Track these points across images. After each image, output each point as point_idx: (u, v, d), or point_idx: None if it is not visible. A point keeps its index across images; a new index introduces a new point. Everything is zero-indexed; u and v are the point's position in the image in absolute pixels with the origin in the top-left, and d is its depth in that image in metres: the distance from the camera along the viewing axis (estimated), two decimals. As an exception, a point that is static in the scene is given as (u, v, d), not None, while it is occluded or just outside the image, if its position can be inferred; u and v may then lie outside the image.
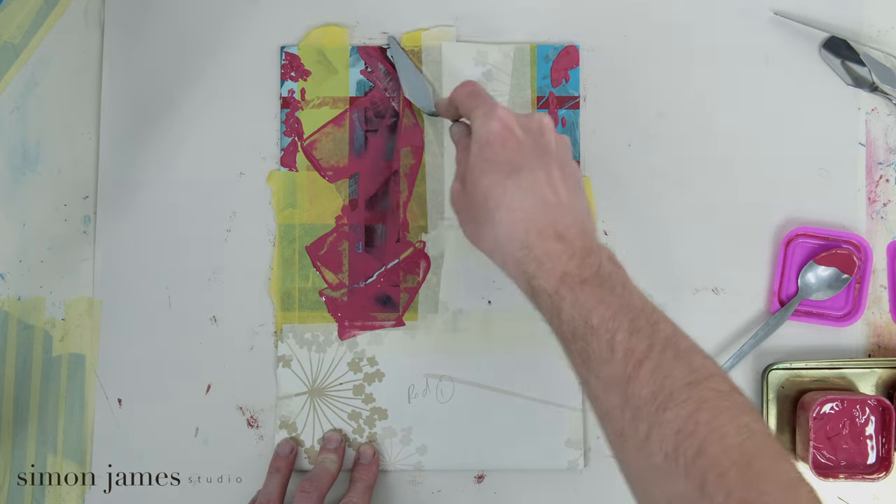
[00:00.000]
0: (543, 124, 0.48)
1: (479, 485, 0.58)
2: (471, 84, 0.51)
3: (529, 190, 0.45)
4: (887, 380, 0.57)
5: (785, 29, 0.60)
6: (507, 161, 0.46)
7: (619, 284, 0.43)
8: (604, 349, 0.41)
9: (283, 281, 0.59)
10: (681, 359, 0.40)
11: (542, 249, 0.44)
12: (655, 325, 0.41)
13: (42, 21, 0.60)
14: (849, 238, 0.58)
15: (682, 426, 0.38)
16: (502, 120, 0.47)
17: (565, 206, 0.45)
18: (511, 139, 0.46)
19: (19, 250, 0.59)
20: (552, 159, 0.47)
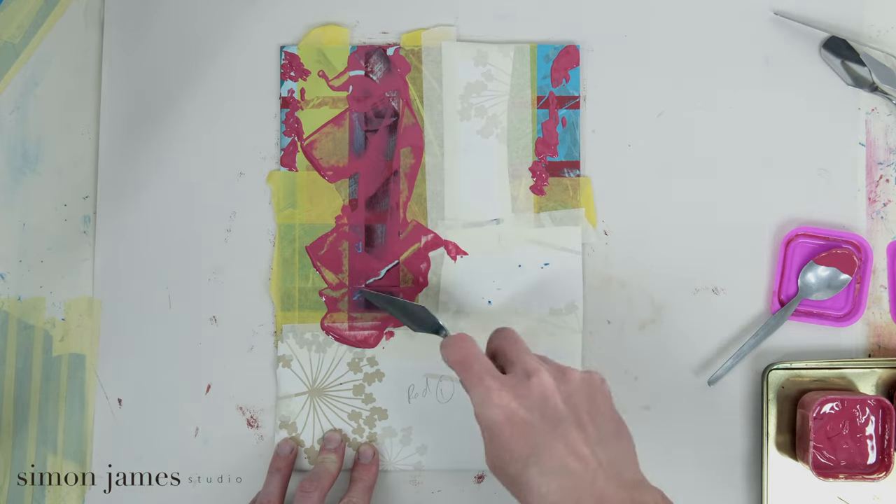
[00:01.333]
0: (546, 390, 0.45)
1: (479, 485, 0.58)
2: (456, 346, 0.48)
3: (554, 470, 0.43)
4: (887, 380, 0.57)
5: (785, 29, 0.60)
6: (522, 447, 0.44)
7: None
8: None
9: (283, 281, 0.59)
10: None
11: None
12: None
13: (42, 21, 0.60)
14: (849, 238, 0.58)
15: None
16: (501, 407, 0.45)
17: (594, 465, 0.43)
18: (518, 424, 0.44)
19: (19, 250, 0.59)
20: (566, 424, 0.44)
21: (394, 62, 0.59)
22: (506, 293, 0.58)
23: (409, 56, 0.59)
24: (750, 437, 0.58)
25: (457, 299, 0.58)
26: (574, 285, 0.58)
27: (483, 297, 0.58)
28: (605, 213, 0.59)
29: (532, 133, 0.59)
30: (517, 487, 0.44)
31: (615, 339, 0.58)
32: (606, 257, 0.59)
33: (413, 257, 0.59)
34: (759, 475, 0.57)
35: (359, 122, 0.59)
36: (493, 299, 0.58)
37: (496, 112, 0.59)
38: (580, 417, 0.45)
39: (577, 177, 0.59)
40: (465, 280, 0.58)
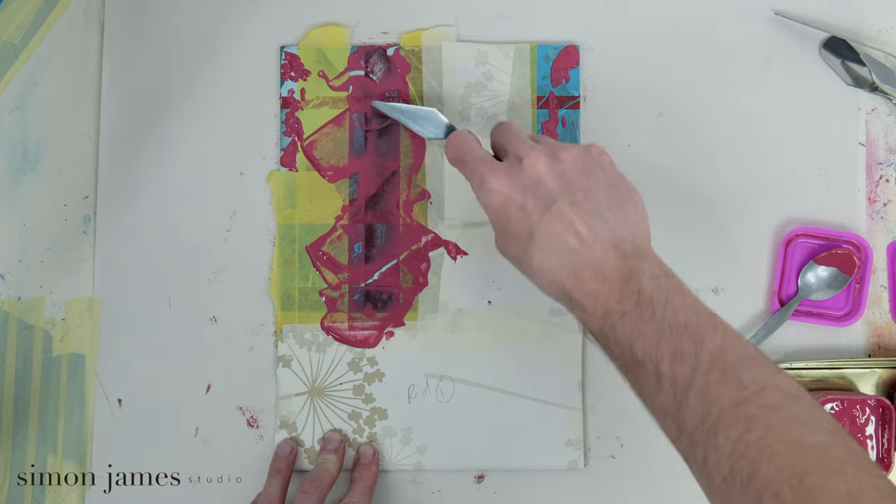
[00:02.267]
0: (537, 171, 0.46)
1: (479, 485, 0.58)
2: (454, 142, 0.50)
3: (551, 248, 0.45)
4: (887, 380, 0.57)
5: (785, 29, 0.60)
6: (520, 229, 0.46)
7: (660, 305, 0.42)
8: (651, 380, 0.41)
9: (283, 281, 0.58)
10: (728, 377, 0.39)
11: (582, 294, 0.44)
12: (701, 342, 0.41)
13: (42, 21, 0.60)
14: (849, 238, 0.58)
15: (733, 448, 0.38)
16: (496, 192, 0.46)
17: (590, 242, 0.44)
18: (513, 207, 0.46)
19: (19, 250, 0.59)
20: (561, 203, 0.45)
21: (394, 62, 0.59)
22: (506, 293, 0.58)
23: (409, 56, 0.59)
24: (750, 437, 0.58)
25: (457, 299, 0.58)
26: None
27: (483, 297, 0.58)
28: (605, 213, 0.59)
29: (532, 133, 0.59)
30: (522, 265, 0.47)
31: (615, 339, 0.58)
32: (606, 257, 0.58)
33: (413, 257, 0.59)
34: (759, 475, 0.57)
35: (359, 122, 0.59)
36: (493, 299, 0.58)
37: (496, 112, 0.59)
38: (573, 194, 0.46)
39: (577, 177, 0.59)
40: (465, 280, 0.58)
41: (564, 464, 0.57)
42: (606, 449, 0.58)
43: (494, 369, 0.58)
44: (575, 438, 0.57)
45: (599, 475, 0.57)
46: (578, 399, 0.57)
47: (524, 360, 0.58)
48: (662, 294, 0.43)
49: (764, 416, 0.38)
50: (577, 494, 0.57)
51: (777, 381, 0.40)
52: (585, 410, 0.58)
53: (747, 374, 0.40)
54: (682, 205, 0.59)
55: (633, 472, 0.57)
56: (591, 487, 0.57)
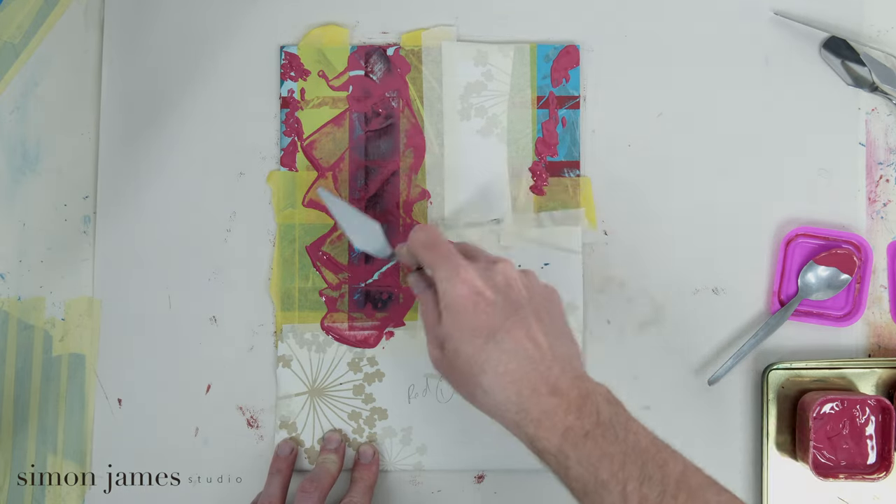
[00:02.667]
0: (509, 277, 0.46)
1: (479, 485, 0.58)
2: (425, 231, 0.49)
3: (512, 351, 0.44)
4: (887, 380, 0.57)
5: (785, 29, 0.60)
6: (482, 325, 0.45)
7: (621, 428, 0.43)
8: (617, 501, 0.41)
9: (283, 281, 0.59)
10: (695, 500, 0.41)
11: (538, 409, 0.43)
12: (664, 465, 0.42)
13: (42, 21, 0.60)
14: (849, 238, 0.58)
15: None
16: (468, 283, 0.45)
17: (550, 356, 0.44)
18: (481, 302, 0.45)
19: (19, 250, 0.59)
20: (526, 311, 0.45)
21: (394, 62, 0.59)
22: (506, 293, 0.58)
23: (409, 56, 0.59)
24: (750, 437, 0.58)
25: (457, 299, 0.58)
26: (574, 285, 0.58)
27: (483, 297, 0.58)
28: (605, 213, 0.59)
29: (532, 133, 0.59)
30: (469, 366, 0.45)
31: (615, 339, 0.58)
32: (606, 257, 0.59)
33: (413, 257, 0.59)
34: (759, 475, 0.57)
35: (359, 122, 0.59)
36: (493, 299, 0.58)
37: (496, 112, 0.59)
38: (538, 310, 0.46)
39: (577, 177, 0.59)
40: (465, 280, 0.58)
41: (564, 464, 0.57)
42: (606, 449, 0.58)
43: (494, 369, 0.58)
44: (575, 438, 0.57)
45: (599, 475, 0.57)
46: (578, 399, 0.57)
47: (524, 360, 0.58)
48: (620, 418, 0.43)
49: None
50: (577, 494, 0.57)
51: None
52: (585, 410, 0.58)
53: (713, 498, 0.41)
54: (682, 205, 0.59)
55: (633, 472, 0.57)
56: (591, 487, 0.57)
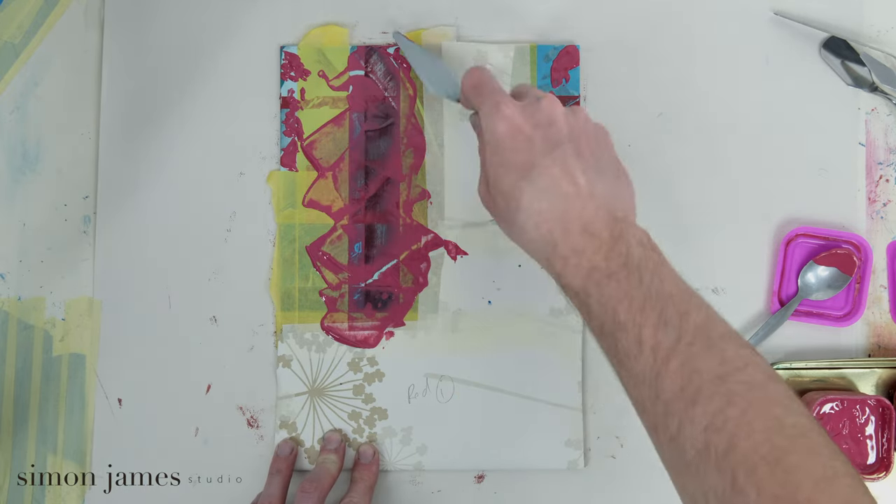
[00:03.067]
0: (553, 113, 0.46)
1: (479, 485, 0.58)
2: (475, 73, 0.49)
3: (547, 188, 0.44)
4: (887, 380, 0.57)
5: (785, 29, 0.60)
6: (520, 162, 0.45)
7: (647, 272, 0.42)
8: (632, 344, 0.40)
9: (283, 281, 0.59)
10: (711, 350, 0.39)
11: (568, 246, 0.43)
12: (686, 314, 0.40)
13: (42, 21, 0.60)
14: (849, 238, 0.58)
15: (710, 422, 0.37)
16: (508, 119, 0.45)
17: (586, 195, 0.44)
18: (520, 138, 0.45)
19: (19, 250, 0.59)
20: (566, 149, 0.45)
21: (394, 62, 0.59)
22: (506, 293, 0.58)
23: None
24: (750, 437, 0.58)
25: (457, 299, 0.58)
26: None
27: (483, 297, 0.58)
28: (605, 213, 0.59)
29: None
30: (507, 202, 0.45)
31: (615, 339, 0.58)
32: (606, 257, 0.58)
33: (413, 257, 0.59)
34: (759, 475, 0.57)
35: (359, 122, 0.59)
36: (493, 299, 0.58)
37: (496, 112, 0.59)
38: (580, 147, 0.45)
39: (577, 177, 0.59)
40: (465, 280, 0.58)
41: (564, 464, 0.57)
42: (606, 449, 0.58)
43: (494, 369, 0.58)
44: (575, 438, 0.57)
45: (599, 475, 0.57)
46: (578, 399, 0.57)
47: (524, 360, 0.58)
48: (650, 263, 0.42)
49: (745, 392, 0.37)
50: (577, 494, 0.57)
51: (758, 360, 0.39)
52: (585, 410, 0.58)
53: (730, 350, 0.39)
54: (682, 205, 0.59)
55: (633, 472, 0.57)
56: (591, 487, 0.57)
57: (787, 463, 0.35)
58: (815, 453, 0.36)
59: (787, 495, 0.35)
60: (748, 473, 0.35)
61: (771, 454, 0.35)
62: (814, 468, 0.35)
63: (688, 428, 0.38)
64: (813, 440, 0.36)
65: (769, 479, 0.35)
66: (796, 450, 0.36)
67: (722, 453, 0.36)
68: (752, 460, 0.36)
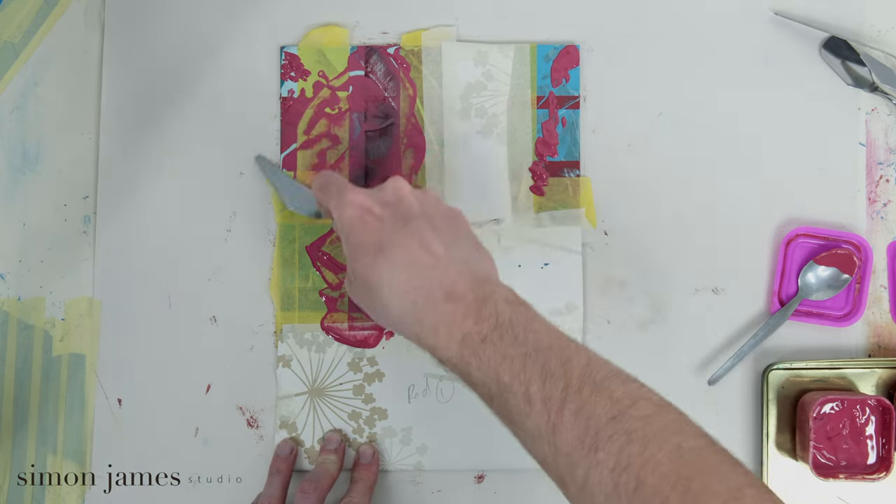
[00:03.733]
0: (398, 191, 0.46)
1: (479, 485, 0.58)
2: (320, 176, 0.50)
3: (403, 261, 0.43)
4: (887, 380, 0.57)
5: (785, 29, 0.60)
6: (374, 241, 0.44)
7: (521, 328, 0.42)
8: (522, 403, 0.40)
9: (283, 281, 0.59)
10: (600, 392, 0.39)
11: (434, 316, 0.42)
12: (568, 362, 0.40)
13: (42, 21, 0.60)
14: (849, 238, 0.58)
15: (615, 463, 0.37)
16: (354, 204, 0.46)
17: (444, 261, 0.43)
18: (369, 219, 0.45)
19: (19, 250, 0.59)
20: (418, 222, 0.45)
21: (394, 62, 0.59)
22: (506, 293, 0.58)
23: (409, 56, 0.59)
24: (750, 437, 0.58)
25: (457, 299, 0.58)
26: (574, 285, 0.58)
27: (483, 297, 0.58)
28: (605, 213, 0.59)
29: (532, 133, 0.59)
30: (367, 284, 0.44)
31: (615, 339, 0.58)
32: (606, 257, 0.59)
33: (413, 257, 0.58)
34: (759, 475, 0.57)
35: (359, 122, 0.59)
36: (493, 299, 0.58)
37: (496, 112, 0.59)
38: (434, 222, 0.45)
39: (577, 177, 0.59)
40: (465, 280, 0.58)
41: (564, 464, 0.57)
42: (606, 449, 0.58)
43: (494, 369, 0.58)
44: (575, 438, 0.57)
45: (599, 475, 0.57)
46: (578, 399, 0.57)
47: (524, 360, 0.58)
48: (521, 318, 0.42)
49: (641, 427, 0.38)
50: (577, 494, 0.57)
51: (645, 393, 0.40)
52: (585, 410, 0.58)
53: (618, 389, 0.40)
54: (682, 205, 0.59)
55: (633, 472, 0.57)
56: (591, 487, 0.57)
57: (695, 487, 0.36)
58: (716, 472, 0.37)
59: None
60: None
61: (679, 483, 0.36)
62: (719, 488, 0.36)
63: (594, 474, 0.38)
64: (712, 460, 0.37)
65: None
66: (700, 473, 0.36)
67: (632, 491, 0.37)
68: (664, 492, 0.36)
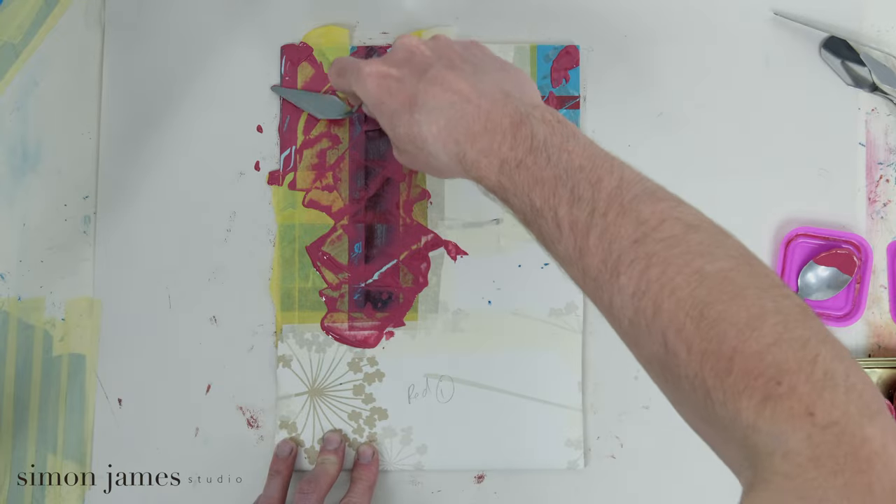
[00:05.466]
0: (409, 46, 0.46)
1: (479, 485, 0.58)
2: (335, 63, 0.50)
3: (435, 108, 0.43)
4: (887, 380, 0.57)
5: (785, 29, 0.60)
6: (402, 101, 0.45)
7: (555, 149, 0.40)
8: (552, 228, 0.40)
9: (283, 281, 0.59)
10: (626, 214, 0.37)
11: (475, 149, 0.42)
12: (598, 183, 0.39)
13: (42, 21, 0.60)
14: (849, 238, 0.58)
15: (635, 288, 0.36)
16: (372, 75, 0.45)
17: (476, 95, 0.43)
18: (391, 83, 0.45)
19: (19, 250, 0.59)
20: (437, 67, 0.44)
21: (394, 62, 0.59)
22: (506, 293, 0.58)
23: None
24: (750, 437, 0.58)
25: (457, 299, 0.58)
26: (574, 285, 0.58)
27: (483, 297, 0.58)
28: (605, 213, 0.59)
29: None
30: (413, 143, 0.44)
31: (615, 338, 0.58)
32: (606, 257, 0.58)
33: (413, 257, 0.59)
34: (759, 475, 0.57)
35: (359, 122, 0.59)
36: (493, 299, 0.58)
37: (496, 112, 0.59)
38: (451, 60, 0.45)
39: (577, 177, 0.59)
40: (465, 280, 0.58)
41: (564, 464, 0.57)
42: (606, 449, 0.58)
43: (494, 369, 0.58)
44: (575, 438, 0.57)
45: (599, 475, 0.57)
46: (578, 399, 0.57)
47: (524, 360, 0.58)
48: (557, 139, 0.41)
49: (663, 250, 0.36)
50: (577, 494, 0.57)
51: (677, 212, 0.38)
52: (585, 410, 0.58)
53: (646, 209, 0.37)
54: (682, 205, 0.59)
55: (633, 472, 0.57)
56: (591, 487, 0.57)
57: (711, 315, 0.34)
58: (740, 297, 0.34)
59: (713, 349, 0.33)
60: (676, 333, 0.34)
61: (694, 309, 0.34)
62: (737, 314, 0.34)
63: (617, 299, 0.37)
64: (738, 283, 0.35)
65: (695, 335, 0.34)
66: (720, 299, 0.34)
67: (650, 317, 0.35)
68: (679, 319, 0.34)
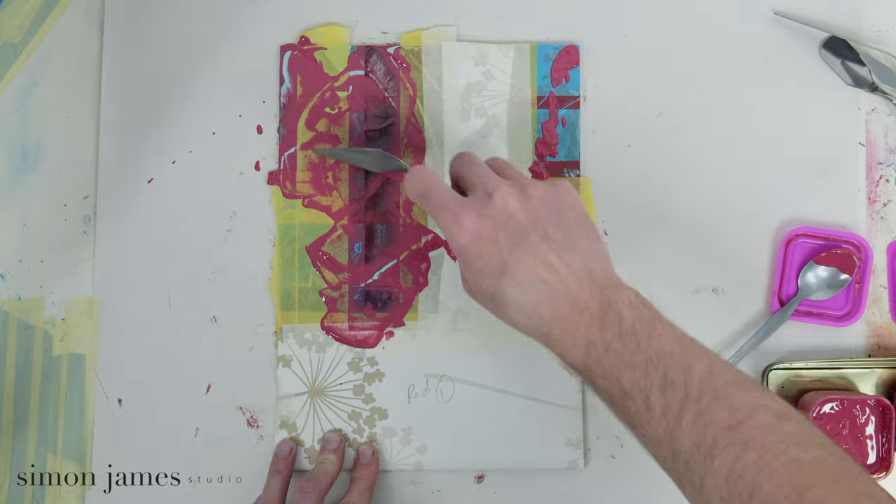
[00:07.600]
0: (507, 207, 0.46)
1: (479, 485, 0.58)
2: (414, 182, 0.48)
3: (525, 281, 0.44)
4: (887, 380, 0.57)
5: (785, 29, 0.60)
6: (493, 265, 0.45)
7: (644, 334, 0.42)
8: (642, 410, 0.41)
9: (283, 281, 0.59)
10: (720, 400, 0.40)
11: (561, 329, 0.44)
12: (689, 368, 0.41)
13: (42, 21, 0.60)
14: (849, 238, 0.58)
15: (730, 470, 0.38)
16: (468, 229, 0.45)
17: (565, 273, 0.44)
18: (484, 244, 0.45)
19: (19, 250, 0.59)
20: (532, 237, 0.45)
21: (394, 62, 0.59)
22: (506, 293, 0.58)
23: (409, 56, 0.59)
24: (750, 437, 0.58)
25: (457, 299, 0.58)
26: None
27: (483, 297, 0.58)
28: (605, 213, 0.59)
29: (532, 133, 0.59)
30: (495, 303, 0.46)
31: (615, 339, 0.58)
32: (606, 257, 0.58)
33: (413, 257, 0.59)
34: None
35: (359, 122, 0.59)
36: (493, 299, 0.58)
37: (496, 112, 0.59)
38: (545, 229, 0.46)
39: (577, 177, 0.59)
40: (465, 280, 0.58)
41: (564, 464, 0.57)
42: (606, 449, 0.58)
43: (494, 369, 0.58)
44: (575, 438, 0.57)
45: (599, 475, 0.57)
46: (578, 399, 0.57)
47: (524, 360, 0.58)
48: (644, 324, 0.43)
49: (759, 436, 0.38)
50: (577, 494, 0.57)
51: (766, 401, 0.40)
52: (585, 410, 0.58)
53: (738, 397, 0.40)
54: (682, 205, 0.59)
55: (633, 472, 0.57)
56: (591, 487, 0.57)
57: (810, 499, 0.36)
58: (835, 483, 0.37)
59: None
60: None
61: (794, 492, 0.36)
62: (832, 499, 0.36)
63: (710, 480, 0.39)
64: (832, 472, 0.37)
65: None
66: (816, 484, 0.36)
67: (746, 498, 0.37)
68: (777, 500, 0.36)
